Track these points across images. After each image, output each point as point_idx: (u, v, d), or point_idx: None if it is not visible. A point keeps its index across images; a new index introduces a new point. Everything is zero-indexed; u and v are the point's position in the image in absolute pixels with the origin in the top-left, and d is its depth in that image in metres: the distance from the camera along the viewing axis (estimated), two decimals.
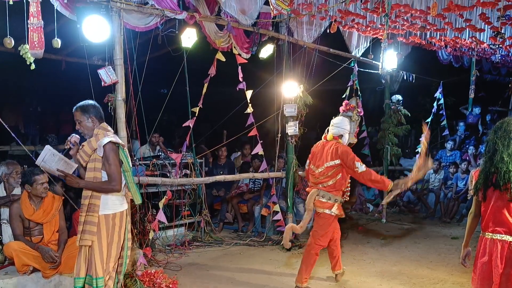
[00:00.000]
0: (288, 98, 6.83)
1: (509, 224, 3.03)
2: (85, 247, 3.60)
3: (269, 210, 7.33)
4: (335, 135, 5.02)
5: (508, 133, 3.06)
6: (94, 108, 3.74)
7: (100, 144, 3.55)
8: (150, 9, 5.28)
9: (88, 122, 3.70)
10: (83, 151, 3.65)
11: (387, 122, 9.03)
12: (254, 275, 5.55)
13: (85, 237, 3.56)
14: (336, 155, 4.81)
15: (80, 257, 3.63)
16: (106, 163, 3.57)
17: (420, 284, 5.31)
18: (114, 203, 3.66)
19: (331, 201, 4.87)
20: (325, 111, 10.25)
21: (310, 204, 4.93)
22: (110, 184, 3.58)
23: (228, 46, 6.30)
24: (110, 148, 3.55)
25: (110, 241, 3.66)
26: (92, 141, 3.64)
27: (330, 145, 4.93)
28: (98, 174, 3.61)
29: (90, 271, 3.62)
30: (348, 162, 4.76)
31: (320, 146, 5.06)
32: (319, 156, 4.97)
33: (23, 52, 4.37)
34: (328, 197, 4.88)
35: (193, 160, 6.72)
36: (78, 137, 3.81)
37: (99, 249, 3.61)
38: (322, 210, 4.90)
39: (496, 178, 3.03)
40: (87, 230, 3.57)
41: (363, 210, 9.87)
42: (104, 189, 3.61)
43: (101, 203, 3.60)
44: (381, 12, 5.91)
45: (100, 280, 3.62)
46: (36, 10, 4.22)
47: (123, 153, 3.70)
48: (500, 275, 3.01)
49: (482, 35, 7.25)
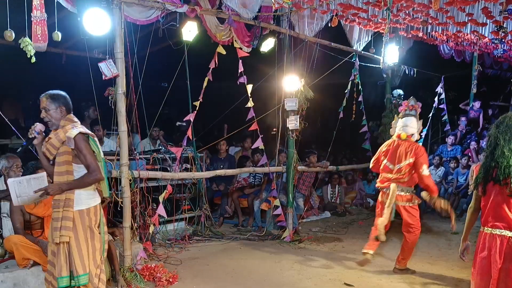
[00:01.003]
0: (289, 92, 6.81)
1: (509, 219, 3.02)
2: (63, 245, 3.48)
3: (269, 205, 7.33)
4: (408, 134, 5.44)
5: (510, 128, 3.05)
6: (65, 98, 3.64)
7: (70, 136, 3.44)
8: (151, 2, 5.25)
9: (57, 111, 3.58)
10: (51, 144, 3.52)
11: (388, 117, 9.00)
12: (254, 270, 5.55)
13: (63, 233, 3.45)
14: (412, 154, 5.26)
15: (60, 256, 3.49)
16: (80, 154, 3.47)
17: (420, 279, 5.31)
18: (87, 197, 3.57)
19: (409, 194, 5.38)
20: (326, 105, 10.30)
21: (393, 199, 5.31)
22: (91, 175, 3.50)
23: (229, 39, 6.27)
24: (80, 139, 3.46)
25: (91, 236, 3.57)
26: (59, 133, 3.52)
27: (407, 144, 5.37)
28: (70, 167, 3.52)
29: (72, 269, 3.51)
30: (419, 162, 5.22)
31: (395, 144, 5.46)
32: (396, 154, 5.39)
33: (23, 45, 4.34)
34: (406, 190, 5.38)
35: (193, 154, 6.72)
36: (43, 126, 3.65)
37: (76, 246, 3.50)
38: (404, 203, 5.39)
39: (496, 173, 3.02)
40: (64, 226, 3.46)
41: (364, 205, 9.88)
42: (88, 181, 3.52)
43: (75, 199, 3.50)
44: (383, 6, 5.89)
45: (82, 277, 3.51)
46: (39, 3, 4.21)
47: (94, 144, 3.60)
48: (499, 270, 3.01)
49: (484, 30, 7.22)
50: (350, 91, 8.24)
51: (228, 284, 5.08)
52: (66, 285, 3.54)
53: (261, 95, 7.10)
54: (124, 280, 4.86)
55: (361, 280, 5.26)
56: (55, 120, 3.59)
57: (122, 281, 4.82)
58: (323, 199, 9.44)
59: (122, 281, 4.82)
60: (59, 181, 3.52)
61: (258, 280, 5.20)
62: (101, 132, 6.38)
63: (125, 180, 5.08)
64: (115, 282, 4.86)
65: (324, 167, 8.05)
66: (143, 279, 4.96)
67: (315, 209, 8.88)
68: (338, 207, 9.14)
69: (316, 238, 7.07)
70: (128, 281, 4.88)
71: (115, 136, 5.79)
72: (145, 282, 4.94)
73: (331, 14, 6.83)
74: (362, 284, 5.11)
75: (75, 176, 3.54)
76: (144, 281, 4.95)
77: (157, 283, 4.92)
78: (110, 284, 4.86)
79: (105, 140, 6.56)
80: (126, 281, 4.87)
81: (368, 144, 9.51)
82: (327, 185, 9.56)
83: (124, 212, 5.11)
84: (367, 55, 8.50)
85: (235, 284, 5.07)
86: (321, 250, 6.46)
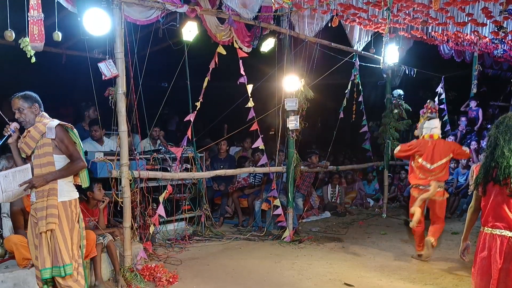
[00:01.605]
0: (289, 92, 6.82)
1: (509, 219, 3.02)
2: (46, 234, 3.53)
3: (270, 205, 7.33)
4: (438, 134, 6.13)
5: (510, 128, 3.05)
6: (36, 97, 3.74)
7: (51, 126, 3.54)
8: (151, 2, 5.25)
9: (31, 109, 3.67)
10: (30, 137, 3.59)
11: (388, 117, 9.00)
12: (255, 270, 5.55)
13: (49, 220, 3.50)
14: (449, 150, 5.97)
15: (43, 248, 3.54)
16: (62, 144, 3.58)
17: (420, 279, 5.30)
18: (69, 189, 3.68)
19: (441, 189, 6.00)
20: (326, 105, 10.30)
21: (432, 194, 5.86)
22: (75, 163, 3.62)
23: (229, 39, 6.27)
24: (61, 130, 3.59)
25: (72, 228, 3.63)
26: (38, 126, 3.61)
27: (441, 144, 6.02)
28: (51, 158, 3.59)
29: (56, 260, 3.54)
30: (458, 149, 6.08)
31: (430, 144, 5.99)
32: (433, 153, 5.93)
33: (23, 45, 4.35)
34: (441, 186, 5.99)
35: (193, 154, 6.71)
36: (18, 124, 3.71)
37: (62, 235, 3.56)
38: (438, 198, 5.96)
39: (496, 173, 3.02)
40: (50, 213, 3.52)
41: (364, 205, 9.88)
42: (73, 169, 3.64)
43: (58, 189, 3.58)
44: (383, 6, 5.88)
45: (68, 267, 3.56)
46: (36, 2, 4.20)
47: (73, 135, 3.70)
48: (499, 270, 3.01)
49: (484, 30, 7.21)
50: (350, 91, 8.24)
51: (228, 284, 5.08)
52: (49, 277, 3.57)
53: (261, 95, 7.10)
54: (124, 280, 4.86)
55: (361, 280, 5.26)
56: (29, 119, 3.68)
57: (122, 281, 4.82)
58: (323, 199, 9.44)
59: (122, 281, 4.82)
60: (41, 173, 3.58)
61: (258, 280, 5.19)
62: (99, 132, 6.38)
63: (125, 180, 5.08)
64: (115, 282, 4.87)
65: (324, 167, 8.06)
66: (143, 279, 4.96)
67: (315, 209, 8.89)
68: (338, 207, 9.15)
69: (316, 238, 7.07)
70: (128, 281, 4.88)
71: (115, 136, 5.79)
72: (145, 282, 4.94)
73: (331, 14, 6.83)
74: (362, 284, 5.10)
75: (57, 166, 3.62)
76: (144, 281, 4.95)
77: (157, 283, 4.91)
78: (110, 284, 4.87)
79: (105, 140, 6.56)
80: (126, 281, 4.87)
81: (368, 144, 9.51)
82: (327, 185, 9.57)
83: (124, 212, 5.11)
84: (367, 55, 8.50)
85: (235, 284, 5.06)
86: (321, 250, 6.46)
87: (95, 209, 5.16)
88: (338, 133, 8.13)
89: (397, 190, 10.35)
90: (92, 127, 6.44)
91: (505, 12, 5.85)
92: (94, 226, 5.11)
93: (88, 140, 6.40)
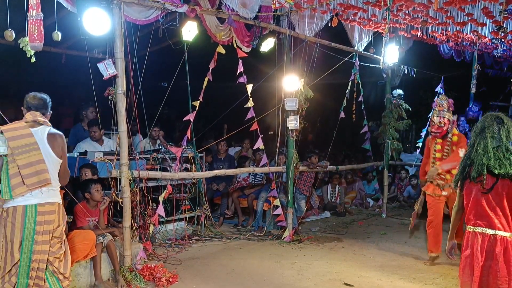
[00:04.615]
0: (289, 92, 6.81)
1: (489, 217, 3.11)
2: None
3: (269, 205, 7.33)
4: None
5: (485, 127, 3.19)
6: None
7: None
8: (151, 2, 5.24)
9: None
10: None
11: (388, 117, 9.01)
12: (254, 270, 5.55)
13: None
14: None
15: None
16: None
17: (420, 279, 5.31)
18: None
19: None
20: (326, 105, 10.30)
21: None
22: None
23: (228, 39, 6.27)
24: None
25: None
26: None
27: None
28: None
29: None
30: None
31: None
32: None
33: (23, 45, 4.34)
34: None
35: (193, 154, 6.71)
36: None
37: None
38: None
39: (472, 170, 3.15)
40: None
41: (363, 205, 9.88)
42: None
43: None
44: (383, 6, 5.88)
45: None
46: (35, 2, 4.19)
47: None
48: (481, 268, 3.08)
49: (484, 30, 7.21)
50: (350, 91, 8.24)
51: (228, 284, 5.07)
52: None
53: (261, 95, 7.10)
54: (124, 280, 4.86)
55: (361, 280, 5.26)
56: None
57: (122, 281, 4.82)
58: (323, 199, 9.44)
59: (122, 281, 4.82)
60: None
61: (258, 280, 5.19)
62: (99, 132, 6.37)
63: (125, 180, 5.07)
64: (115, 282, 4.87)
65: (324, 167, 8.05)
66: (143, 279, 4.96)
67: (315, 209, 8.89)
68: (338, 207, 9.15)
69: (316, 238, 7.07)
70: (128, 281, 4.88)
71: (115, 136, 5.79)
72: (145, 282, 4.94)
73: (331, 14, 6.83)
74: (362, 284, 5.11)
75: None
76: (144, 281, 4.94)
77: (157, 283, 4.91)
78: (110, 284, 4.87)
79: (105, 140, 6.56)
80: (126, 281, 4.87)
81: (368, 144, 9.51)
82: (327, 185, 9.57)
83: (124, 212, 5.11)
84: (367, 55, 8.50)
85: (235, 284, 5.06)
86: (321, 250, 6.46)
87: (96, 209, 5.16)
88: (338, 133, 8.13)
89: (397, 190, 10.36)
90: (92, 127, 6.43)
91: (505, 12, 5.85)
92: (94, 226, 5.11)
93: (88, 140, 6.41)
